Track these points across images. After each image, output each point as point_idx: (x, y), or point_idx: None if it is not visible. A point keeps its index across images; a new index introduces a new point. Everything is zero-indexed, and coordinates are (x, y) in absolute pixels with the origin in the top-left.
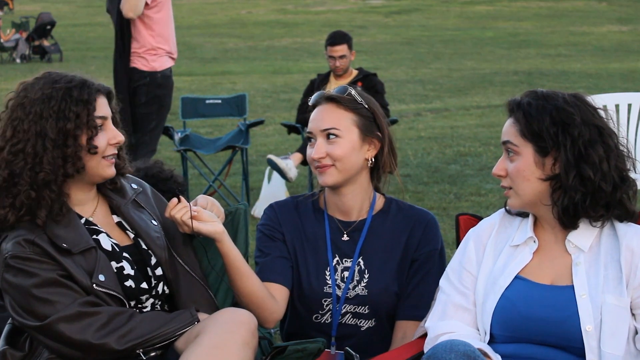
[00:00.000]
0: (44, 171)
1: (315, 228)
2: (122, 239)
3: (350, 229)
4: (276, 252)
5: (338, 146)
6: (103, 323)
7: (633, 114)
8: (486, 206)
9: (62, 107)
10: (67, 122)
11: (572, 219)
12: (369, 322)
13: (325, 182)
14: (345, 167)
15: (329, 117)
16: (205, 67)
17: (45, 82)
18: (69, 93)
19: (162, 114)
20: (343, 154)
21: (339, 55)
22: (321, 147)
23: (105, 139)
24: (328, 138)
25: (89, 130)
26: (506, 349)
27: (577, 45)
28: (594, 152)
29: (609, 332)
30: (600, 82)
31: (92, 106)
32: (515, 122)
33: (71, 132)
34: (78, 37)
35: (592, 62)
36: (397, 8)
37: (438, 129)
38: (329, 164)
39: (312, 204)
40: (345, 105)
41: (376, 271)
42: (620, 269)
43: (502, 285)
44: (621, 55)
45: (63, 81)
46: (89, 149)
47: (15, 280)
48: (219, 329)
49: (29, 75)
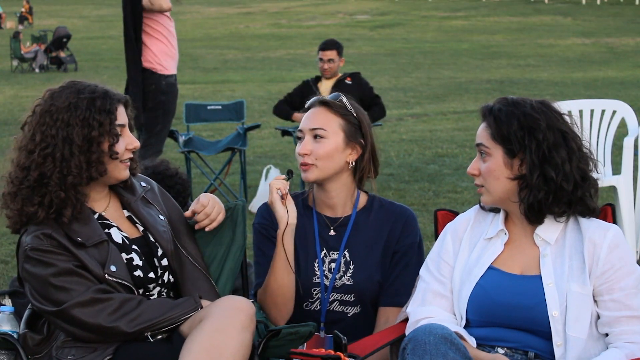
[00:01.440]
0: (71, 174)
1: (305, 223)
2: (132, 232)
3: (336, 224)
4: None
5: (322, 145)
6: (115, 308)
7: (595, 118)
8: (462, 202)
9: (87, 115)
10: (92, 130)
11: (537, 215)
12: (354, 308)
13: (307, 178)
14: (326, 165)
15: (318, 119)
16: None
17: (71, 92)
18: (93, 103)
19: (167, 118)
20: (326, 153)
21: (328, 58)
22: (307, 144)
23: (124, 145)
24: (315, 138)
25: (110, 138)
26: (480, 333)
27: (544, 56)
28: (557, 154)
29: (573, 317)
30: (565, 90)
31: (114, 115)
32: (487, 127)
33: (95, 139)
34: (91, 49)
35: (558, 72)
36: (381, 22)
37: (418, 132)
38: (311, 162)
39: (302, 202)
40: (336, 110)
41: (360, 262)
42: (583, 260)
43: (476, 274)
44: (584, 66)
45: (87, 91)
46: (110, 155)
47: (34, 270)
48: (220, 314)
49: (47, 83)
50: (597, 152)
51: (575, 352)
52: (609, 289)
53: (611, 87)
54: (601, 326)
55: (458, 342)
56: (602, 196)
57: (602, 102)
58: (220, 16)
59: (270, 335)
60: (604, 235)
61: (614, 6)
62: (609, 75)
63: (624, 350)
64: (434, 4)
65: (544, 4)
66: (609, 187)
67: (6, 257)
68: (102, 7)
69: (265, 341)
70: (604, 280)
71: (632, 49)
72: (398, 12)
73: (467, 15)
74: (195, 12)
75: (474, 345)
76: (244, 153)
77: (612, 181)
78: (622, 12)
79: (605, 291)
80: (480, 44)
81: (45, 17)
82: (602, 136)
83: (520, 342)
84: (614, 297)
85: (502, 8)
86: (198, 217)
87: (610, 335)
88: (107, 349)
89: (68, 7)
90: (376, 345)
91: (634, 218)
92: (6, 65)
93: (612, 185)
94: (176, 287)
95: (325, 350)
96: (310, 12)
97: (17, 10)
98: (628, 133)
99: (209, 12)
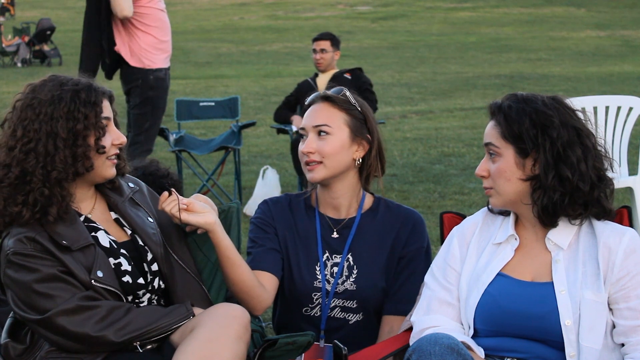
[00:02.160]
0: (56, 169)
1: (307, 225)
2: (120, 235)
3: (340, 227)
4: (268, 243)
5: (327, 142)
6: (102, 316)
7: (610, 115)
8: (469, 205)
9: (72, 108)
10: (77, 123)
11: (552, 218)
12: (356, 315)
13: (313, 179)
14: (333, 164)
15: (322, 115)
16: (199, 70)
17: (54, 85)
18: (78, 95)
19: (156, 115)
20: (332, 150)
21: (320, 48)
22: (312, 142)
23: (110, 140)
24: (319, 135)
25: (96, 131)
26: (489, 343)
27: (556, 49)
28: (572, 153)
29: (587, 326)
30: (578, 85)
31: (100, 108)
32: (497, 125)
33: (81, 132)
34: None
35: (571, 66)
36: (384, 14)
37: (423, 130)
38: (317, 160)
39: (305, 202)
40: (339, 105)
41: (364, 267)
42: (598, 265)
43: (484, 281)
44: (599, 60)
45: (70, 84)
46: (97, 149)
47: (16, 276)
48: (213, 323)
49: (29, 78)
50: (613, 151)
51: None
52: (625, 296)
53: (627, 83)
54: (617, 336)
55: (465, 353)
56: (618, 198)
57: (618, 98)
58: (213, 7)
59: (266, 345)
60: (620, 240)
61: None
62: (625, 69)
63: None
64: None
65: None
66: (625, 189)
67: None
68: None
69: (261, 351)
70: (620, 287)
71: None
72: (401, 2)
73: (475, 6)
74: (187, 3)
75: (482, 356)
76: (239, 152)
77: (628, 182)
78: (639, 3)
79: (621, 299)
80: (488, 37)
81: (27, 9)
82: (618, 134)
83: (531, 353)
84: (631, 305)
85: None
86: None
87: (627, 346)
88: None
89: None
90: (379, 356)
91: None
92: None
93: (629, 186)
94: (167, 293)
95: None
96: (308, 3)
97: None
98: None
99: (202, 3)
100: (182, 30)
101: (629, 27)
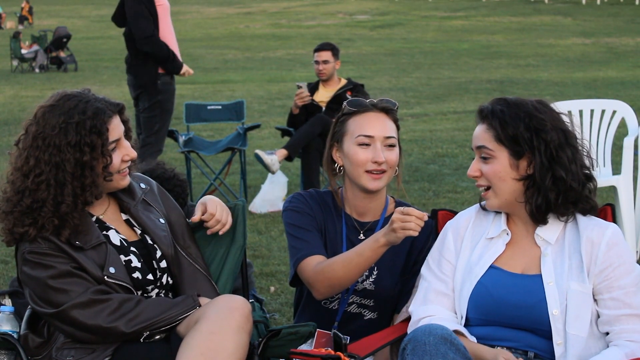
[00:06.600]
0: (65, 202)
1: (334, 223)
2: (130, 234)
3: (365, 229)
4: (314, 228)
5: (394, 153)
6: (113, 309)
7: (595, 118)
8: (462, 202)
9: (78, 140)
10: (83, 155)
11: (543, 215)
12: (371, 313)
13: (377, 187)
14: (392, 173)
15: (388, 127)
16: (206, 76)
17: (61, 113)
18: (83, 125)
19: (165, 117)
20: (396, 160)
21: (322, 59)
22: (379, 152)
23: (119, 158)
24: (389, 147)
25: (104, 159)
26: (481, 331)
27: (544, 56)
28: (563, 154)
29: (573, 315)
30: (565, 90)
31: (106, 136)
32: (490, 128)
33: (88, 163)
34: (91, 49)
35: (558, 72)
36: (381, 22)
37: (418, 132)
38: (386, 169)
39: (332, 201)
40: (394, 118)
41: (384, 269)
42: (581, 258)
43: (477, 273)
44: (584, 66)
45: (77, 111)
46: (104, 177)
47: (33, 273)
48: (215, 315)
49: (47, 83)
50: (597, 152)
51: (575, 350)
52: (608, 287)
53: (611, 87)
54: (601, 325)
55: (458, 343)
56: (602, 196)
57: (602, 102)
58: (220, 16)
59: (270, 335)
60: (602, 234)
61: (614, 6)
62: (609, 75)
63: (624, 349)
64: (434, 3)
65: (544, 3)
66: (609, 187)
67: (6, 257)
68: (102, 7)
69: (266, 341)
70: (603, 278)
71: (632, 49)
72: (398, 12)
73: (467, 15)
74: (195, 12)
75: (475, 341)
76: (244, 153)
77: (612, 181)
78: (622, 12)
79: (605, 289)
80: (480, 44)
81: (45, 17)
82: (602, 136)
83: (521, 342)
84: (614, 296)
85: (502, 8)
86: (210, 223)
87: (611, 334)
88: (106, 350)
89: (68, 7)
90: (376, 345)
91: (634, 218)
92: (6, 65)
93: (612, 185)
94: (175, 288)
95: (325, 350)
96: (310, 12)
97: (17, 10)
98: (628, 133)
99: (209, 12)
100: (190, 37)
101: (612, 34)
